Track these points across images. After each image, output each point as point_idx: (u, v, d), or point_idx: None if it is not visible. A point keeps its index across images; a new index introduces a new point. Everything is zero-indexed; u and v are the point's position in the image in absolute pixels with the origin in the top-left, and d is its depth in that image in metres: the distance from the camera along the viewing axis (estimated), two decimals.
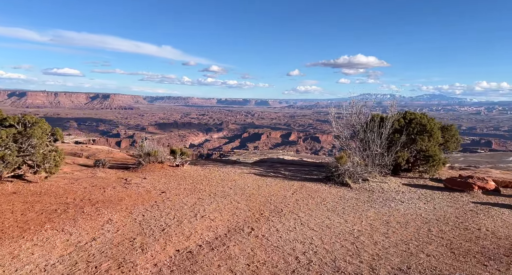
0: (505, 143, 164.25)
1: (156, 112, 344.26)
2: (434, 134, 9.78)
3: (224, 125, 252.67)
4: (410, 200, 7.64)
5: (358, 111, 10.17)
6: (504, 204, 7.40)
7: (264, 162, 13.77)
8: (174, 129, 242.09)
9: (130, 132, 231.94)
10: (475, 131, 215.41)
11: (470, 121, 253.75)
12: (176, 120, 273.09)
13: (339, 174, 9.14)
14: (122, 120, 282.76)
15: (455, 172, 11.43)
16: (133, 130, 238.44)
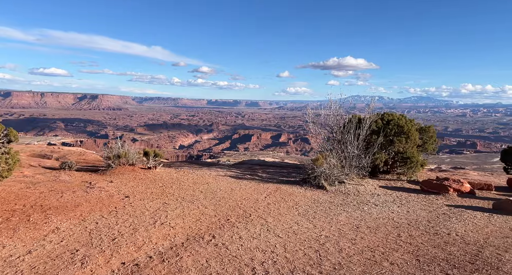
0: (489, 145, 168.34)
1: (146, 113, 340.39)
2: (411, 136, 9.68)
3: (214, 126, 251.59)
4: (384, 203, 7.47)
5: (336, 112, 9.99)
6: (478, 207, 7.30)
7: (243, 164, 13.49)
8: (163, 130, 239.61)
9: (118, 133, 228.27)
10: (461, 133, 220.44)
11: (456, 123, 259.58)
12: (165, 121, 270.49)
13: (315, 177, 8.92)
14: (111, 121, 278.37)
15: (434, 174, 11.38)
16: (121, 131, 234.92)
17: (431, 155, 10.87)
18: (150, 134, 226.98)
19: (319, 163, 9.00)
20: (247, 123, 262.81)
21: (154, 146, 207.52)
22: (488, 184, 8.91)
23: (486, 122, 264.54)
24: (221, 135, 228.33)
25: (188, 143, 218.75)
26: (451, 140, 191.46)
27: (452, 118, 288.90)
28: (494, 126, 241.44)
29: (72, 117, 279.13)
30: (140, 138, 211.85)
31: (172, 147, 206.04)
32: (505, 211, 6.80)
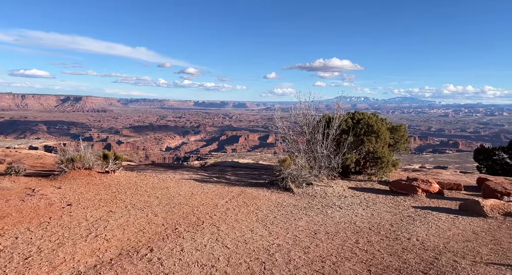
0: (471, 144, 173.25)
1: (131, 114, 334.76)
2: (381, 135, 9.42)
3: (202, 127, 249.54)
4: (350, 206, 7.13)
5: (305, 111, 9.63)
6: (445, 208, 7.06)
7: (215, 166, 13.00)
8: (150, 132, 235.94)
9: (103, 135, 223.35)
10: (444, 133, 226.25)
11: (439, 123, 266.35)
12: (152, 123, 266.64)
13: (282, 178, 8.52)
14: (95, 123, 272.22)
15: (407, 174, 11.18)
16: (106, 133, 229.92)
17: (400, 154, 10.67)
18: (136, 136, 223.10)
19: (287, 164, 8.62)
20: (235, 124, 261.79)
21: (140, 148, 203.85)
22: (458, 184, 8.72)
23: (468, 122, 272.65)
24: (208, 137, 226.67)
25: (175, 145, 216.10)
26: (435, 139, 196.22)
27: (435, 118, 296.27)
28: (475, 125, 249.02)
29: (55, 120, 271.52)
30: (125, 140, 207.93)
31: (158, 149, 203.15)
32: (470, 212, 6.57)
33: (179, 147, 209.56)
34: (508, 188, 7.27)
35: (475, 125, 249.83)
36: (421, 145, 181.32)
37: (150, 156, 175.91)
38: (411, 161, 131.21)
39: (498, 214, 6.30)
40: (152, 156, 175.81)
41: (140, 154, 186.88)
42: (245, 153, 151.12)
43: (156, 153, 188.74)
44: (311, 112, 9.96)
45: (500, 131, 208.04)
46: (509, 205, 6.39)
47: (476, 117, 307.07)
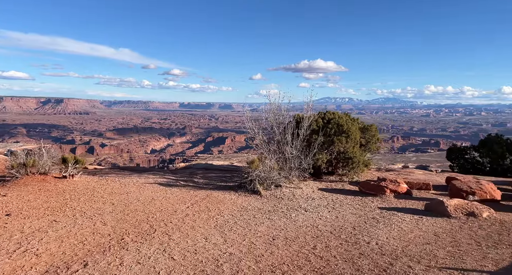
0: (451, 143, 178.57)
1: (115, 116, 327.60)
2: (351, 135, 9.27)
3: (187, 129, 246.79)
4: (315, 208, 6.89)
5: (276, 110, 9.37)
6: (411, 208, 6.92)
7: (187, 169, 12.58)
8: (134, 134, 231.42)
9: (86, 138, 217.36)
10: (426, 132, 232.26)
11: (421, 123, 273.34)
12: (136, 125, 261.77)
13: (250, 181, 8.22)
14: (77, 126, 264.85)
15: (380, 174, 11.09)
16: (89, 136, 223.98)
17: (372, 154, 10.58)
18: (120, 139, 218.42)
19: (255, 166, 8.32)
20: (221, 125, 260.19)
21: (125, 150, 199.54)
22: (426, 183, 8.65)
23: (448, 121, 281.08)
24: (194, 138, 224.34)
25: (160, 147, 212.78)
26: (417, 139, 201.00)
27: (417, 118, 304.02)
28: (455, 125, 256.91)
29: (35, 122, 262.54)
30: (109, 143, 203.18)
31: (143, 152, 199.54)
32: (435, 212, 6.45)
33: (164, 149, 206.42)
34: (473, 187, 7.22)
35: (455, 125, 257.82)
36: (404, 144, 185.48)
37: (134, 159, 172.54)
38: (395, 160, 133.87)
39: (462, 214, 6.20)
40: (137, 158, 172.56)
41: (124, 157, 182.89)
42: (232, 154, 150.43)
43: (141, 155, 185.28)
44: (282, 112, 9.72)
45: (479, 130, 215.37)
46: (472, 205, 6.30)
47: (456, 117, 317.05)
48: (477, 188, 7.15)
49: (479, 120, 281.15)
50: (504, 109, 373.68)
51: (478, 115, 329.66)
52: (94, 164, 34.51)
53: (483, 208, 6.20)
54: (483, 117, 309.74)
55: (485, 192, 7.07)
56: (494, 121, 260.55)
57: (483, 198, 7.07)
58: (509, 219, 5.96)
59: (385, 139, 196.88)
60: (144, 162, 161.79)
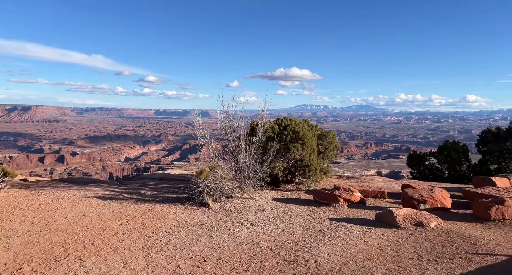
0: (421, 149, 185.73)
1: (87, 124, 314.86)
2: (307, 142, 8.97)
3: (163, 136, 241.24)
4: (263, 221, 6.42)
5: (229, 118, 8.91)
6: (362, 219, 6.62)
7: (140, 179, 11.79)
8: (107, 142, 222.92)
9: (56, 146, 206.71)
10: (397, 139, 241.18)
11: (393, 130, 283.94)
12: (109, 133, 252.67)
13: (199, 192, 7.64)
14: (46, 134, 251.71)
15: (340, 181, 10.87)
16: (59, 144, 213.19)
17: (330, 162, 10.35)
18: (92, 147, 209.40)
19: (204, 176, 7.76)
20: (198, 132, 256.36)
21: (97, 159, 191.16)
22: (382, 191, 8.47)
23: (418, 128, 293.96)
24: (170, 146, 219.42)
25: (135, 155, 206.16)
26: (389, 145, 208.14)
27: (389, 125, 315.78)
28: (424, 132, 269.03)
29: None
30: (81, 151, 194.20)
31: (117, 160, 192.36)
32: (384, 223, 6.18)
33: (139, 157, 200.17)
34: (425, 195, 7.06)
35: (425, 131, 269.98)
36: (377, 151, 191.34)
37: (107, 168, 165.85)
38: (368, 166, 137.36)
39: (410, 224, 5.96)
40: (110, 167, 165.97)
41: (96, 166, 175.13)
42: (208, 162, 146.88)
43: (114, 164, 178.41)
44: (237, 119, 9.25)
45: (447, 136, 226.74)
46: (421, 214, 6.09)
47: (425, 124, 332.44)
48: (428, 196, 7.00)
49: (446, 127, 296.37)
50: (469, 116, 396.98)
51: (446, 122, 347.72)
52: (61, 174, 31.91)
53: (431, 218, 6.01)
54: (450, 124, 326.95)
55: (435, 200, 6.93)
56: (460, 128, 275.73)
57: (434, 206, 6.93)
58: (456, 228, 5.78)
59: (359, 146, 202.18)
60: (118, 170, 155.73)
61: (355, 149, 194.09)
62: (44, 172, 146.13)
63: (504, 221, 5.97)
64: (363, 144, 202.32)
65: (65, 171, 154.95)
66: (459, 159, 12.25)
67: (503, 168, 11.52)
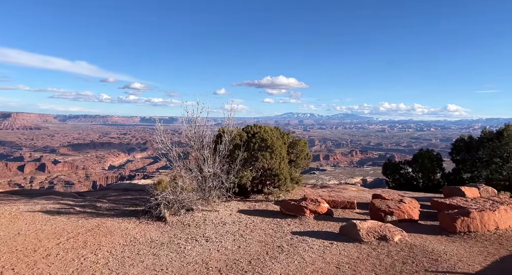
0: (405, 157, 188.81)
1: (70, 132, 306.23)
2: (275, 150, 8.60)
3: (149, 144, 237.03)
4: (220, 237, 5.93)
5: (195, 123, 8.43)
6: (326, 232, 6.23)
7: (104, 190, 11.11)
8: (91, 150, 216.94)
9: (36, 154, 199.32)
10: (381, 147, 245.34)
11: (377, 138, 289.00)
12: (93, 140, 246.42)
13: (157, 204, 7.10)
14: (27, 142, 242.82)
15: (313, 191, 10.53)
16: (40, 152, 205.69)
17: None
18: (75, 155, 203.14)
19: (162, 187, 7.24)
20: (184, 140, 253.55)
21: (80, 167, 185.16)
22: (351, 202, 8.15)
23: (401, 136, 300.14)
24: (156, 154, 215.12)
25: (119, 163, 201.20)
26: (374, 153, 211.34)
27: (374, 133, 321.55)
28: (407, 140, 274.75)
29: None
30: (63, 159, 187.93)
31: (100, 168, 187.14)
32: (348, 236, 5.81)
33: (123, 165, 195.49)
34: (392, 206, 6.77)
35: (408, 140, 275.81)
36: (362, 158, 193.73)
37: (91, 176, 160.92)
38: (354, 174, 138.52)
39: (374, 238, 5.61)
40: (94, 175, 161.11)
41: (79, 174, 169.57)
42: (172, 172, 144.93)
43: (98, 172, 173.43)
44: (202, 128, 8.79)
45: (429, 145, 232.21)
46: (386, 227, 5.76)
47: (408, 132, 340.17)
48: (395, 207, 6.71)
49: (429, 135, 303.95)
50: (450, 125, 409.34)
51: (428, 130, 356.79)
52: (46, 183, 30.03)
53: (395, 231, 5.68)
54: (432, 132, 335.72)
55: (402, 212, 6.64)
56: (442, 136, 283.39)
57: (401, 218, 6.63)
58: (420, 242, 5.47)
59: (344, 153, 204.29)
60: (102, 179, 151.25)
61: (341, 156, 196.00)
62: (24, 181, 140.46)
63: (469, 233, 5.71)
64: (348, 152, 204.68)
65: (46, 179, 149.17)
66: (433, 168, 12.15)
67: (475, 177, 11.48)
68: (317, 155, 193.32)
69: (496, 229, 5.72)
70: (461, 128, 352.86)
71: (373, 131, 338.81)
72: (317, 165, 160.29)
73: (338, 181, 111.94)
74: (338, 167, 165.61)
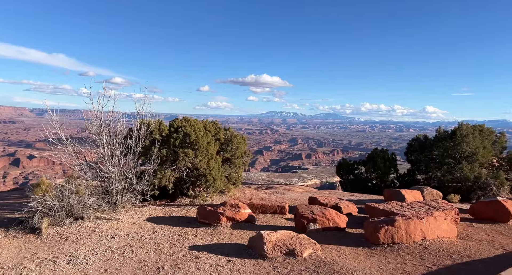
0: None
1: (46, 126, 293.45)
2: (200, 147, 7.53)
3: None
4: (91, 257, 4.68)
5: (99, 117, 7.21)
6: (235, 245, 5.20)
7: (16, 190, 9.69)
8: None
9: (11, 149, 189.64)
10: (362, 147, 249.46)
11: (358, 138, 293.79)
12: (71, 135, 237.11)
13: (34, 212, 5.82)
14: (1, 136, 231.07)
15: (255, 192, 9.55)
16: (15, 146, 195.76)
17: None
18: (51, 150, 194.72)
19: (41, 191, 6.00)
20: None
21: (57, 163, 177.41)
22: (281, 206, 7.19)
23: (381, 137, 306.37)
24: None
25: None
26: (355, 153, 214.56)
27: (355, 133, 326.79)
28: (388, 140, 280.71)
29: None
30: (39, 154, 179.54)
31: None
32: (254, 250, 4.83)
33: None
34: (316, 213, 5.85)
35: (388, 140, 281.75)
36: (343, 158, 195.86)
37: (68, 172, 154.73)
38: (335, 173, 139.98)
39: (280, 253, 4.65)
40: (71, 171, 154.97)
41: (56, 170, 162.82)
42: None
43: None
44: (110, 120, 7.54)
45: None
46: (297, 240, 4.81)
47: (388, 133, 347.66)
48: (319, 214, 5.79)
49: (407, 136, 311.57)
50: (428, 126, 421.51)
51: (407, 131, 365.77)
52: None
53: (307, 244, 4.74)
54: (411, 133, 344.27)
55: (327, 219, 5.74)
56: None
57: (325, 226, 5.72)
58: (331, 258, 4.55)
59: (326, 153, 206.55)
60: None
61: (323, 156, 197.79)
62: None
63: (393, 245, 4.86)
64: (330, 151, 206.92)
65: (21, 175, 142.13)
66: (386, 169, 11.47)
67: (430, 178, 10.86)
68: (300, 154, 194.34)
69: (423, 240, 4.89)
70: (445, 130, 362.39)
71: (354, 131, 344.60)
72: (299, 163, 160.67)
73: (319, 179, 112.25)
74: (320, 166, 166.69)
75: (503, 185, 9.24)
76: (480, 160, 9.93)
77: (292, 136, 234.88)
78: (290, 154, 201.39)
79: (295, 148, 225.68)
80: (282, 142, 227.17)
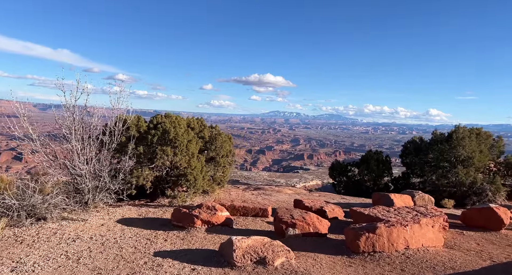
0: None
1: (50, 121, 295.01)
2: (180, 145, 7.15)
3: None
4: (41, 263, 4.25)
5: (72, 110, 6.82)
6: (205, 251, 4.81)
7: None
8: None
9: (13, 143, 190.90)
10: (365, 148, 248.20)
11: (361, 139, 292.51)
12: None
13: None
14: (4, 130, 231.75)
15: (242, 193, 9.17)
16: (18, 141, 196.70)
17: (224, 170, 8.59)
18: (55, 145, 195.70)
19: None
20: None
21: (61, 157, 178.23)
22: (264, 209, 6.80)
23: (384, 139, 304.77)
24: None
25: None
26: (357, 154, 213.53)
27: (357, 134, 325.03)
28: (390, 142, 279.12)
29: None
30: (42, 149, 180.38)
31: None
32: (224, 257, 4.44)
33: None
34: (296, 217, 5.45)
35: (390, 142, 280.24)
36: (345, 159, 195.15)
37: (36, 169, 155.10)
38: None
39: (250, 261, 4.25)
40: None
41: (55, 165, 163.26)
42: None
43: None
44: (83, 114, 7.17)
45: None
46: (270, 247, 4.42)
47: (391, 135, 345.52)
48: (299, 218, 5.39)
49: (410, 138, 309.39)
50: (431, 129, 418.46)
51: (410, 134, 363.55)
52: None
53: (280, 252, 4.35)
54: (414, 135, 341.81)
55: (308, 224, 5.34)
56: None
57: (305, 231, 5.33)
58: (305, 268, 4.14)
59: (328, 153, 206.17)
60: None
61: (325, 156, 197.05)
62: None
63: (374, 254, 4.45)
64: (332, 152, 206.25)
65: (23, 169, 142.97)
66: (380, 171, 11.03)
67: (426, 182, 10.41)
68: (302, 154, 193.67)
69: (406, 249, 4.48)
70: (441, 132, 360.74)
71: (357, 133, 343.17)
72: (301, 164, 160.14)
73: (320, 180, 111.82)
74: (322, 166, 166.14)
75: (499, 190, 8.81)
76: (476, 165, 9.50)
77: (295, 136, 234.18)
78: (292, 154, 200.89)
79: (297, 148, 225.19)
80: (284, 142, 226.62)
